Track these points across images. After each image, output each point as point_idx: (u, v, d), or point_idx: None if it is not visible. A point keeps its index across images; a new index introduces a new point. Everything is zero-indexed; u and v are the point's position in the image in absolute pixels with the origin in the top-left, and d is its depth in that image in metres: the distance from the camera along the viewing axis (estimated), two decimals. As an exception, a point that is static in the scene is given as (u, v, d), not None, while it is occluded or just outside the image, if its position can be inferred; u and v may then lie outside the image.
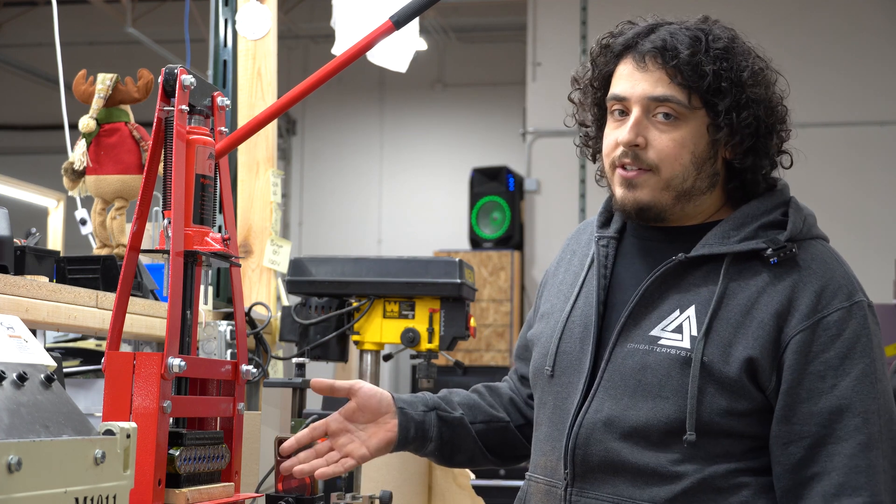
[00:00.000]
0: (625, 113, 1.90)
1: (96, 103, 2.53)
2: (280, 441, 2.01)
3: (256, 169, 3.36)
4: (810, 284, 1.82)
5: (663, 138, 1.86)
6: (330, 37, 3.34)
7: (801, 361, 1.78)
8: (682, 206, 1.90)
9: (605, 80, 1.96)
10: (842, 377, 1.77)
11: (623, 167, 1.89)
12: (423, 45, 9.70)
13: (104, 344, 2.26)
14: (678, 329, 1.84)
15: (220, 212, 2.42)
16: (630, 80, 1.89)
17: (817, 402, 1.77)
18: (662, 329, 1.85)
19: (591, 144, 2.04)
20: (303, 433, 2.01)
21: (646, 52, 1.88)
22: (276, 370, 3.13)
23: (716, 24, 1.92)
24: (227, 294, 3.13)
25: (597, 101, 1.99)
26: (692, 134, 1.87)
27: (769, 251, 1.83)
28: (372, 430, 2.04)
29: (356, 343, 2.88)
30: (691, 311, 1.84)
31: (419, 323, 2.81)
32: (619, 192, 1.91)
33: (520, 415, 2.16)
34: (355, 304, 2.84)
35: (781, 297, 1.81)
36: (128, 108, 2.58)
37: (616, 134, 1.90)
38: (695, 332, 1.82)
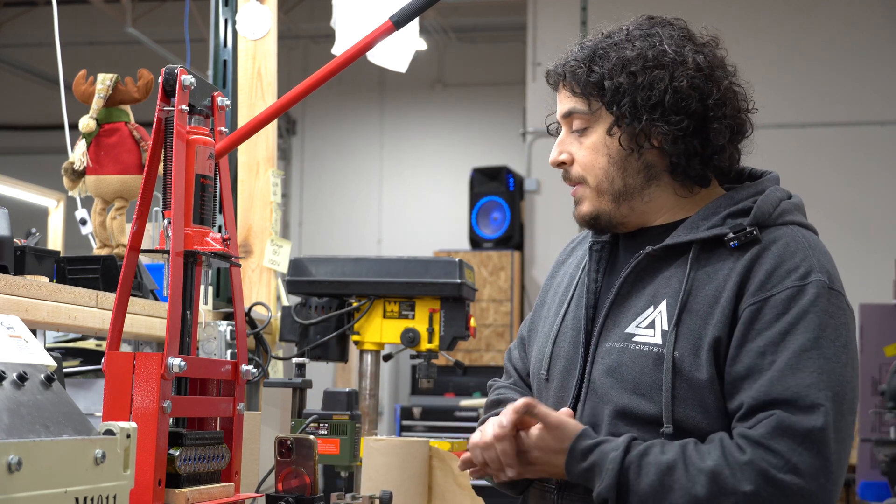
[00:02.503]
0: None
1: (96, 103, 2.53)
2: (281, 441, 2.00)
3: (256, 169, 3.36)
4: (765, 263, 1.80)
5: (581, 150, 1.95)
6: (330, 37, 3.34)
7: (745, 335, 1.77)
8: (630, 206, 1.92)
9: None
10: (780, 352, 1.74)
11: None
12: (423, 45, 9.70)
13: (104, 344, 2.26)
14: (651, 325, 1.85)
15: (220, 212, 2.42)
16: (556, 107, 2.00)
17: (757, 379, 1.75)
18: (637, 325, 1.86)
19: None
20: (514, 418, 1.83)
21: (550, 77, 2.00)
22: (276, 370, 3.13)
23: (647, 22, 1.93)
24: (227, 294, 3.13)
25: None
26: (601, 137, 1.92)
27: (730, 235, 1.83)
28: None
29: (356, 343, 2.88)
30: (663, 305, 1.85)
31: (419, 323, 2.81)
32: (575, 210, 1.99)
33: None
34: (355, 304, 2.85)
35: (738, 278, 1.80)
36: (128, 108, 2.58)
37: None
38: (666, 327, 1.83)
